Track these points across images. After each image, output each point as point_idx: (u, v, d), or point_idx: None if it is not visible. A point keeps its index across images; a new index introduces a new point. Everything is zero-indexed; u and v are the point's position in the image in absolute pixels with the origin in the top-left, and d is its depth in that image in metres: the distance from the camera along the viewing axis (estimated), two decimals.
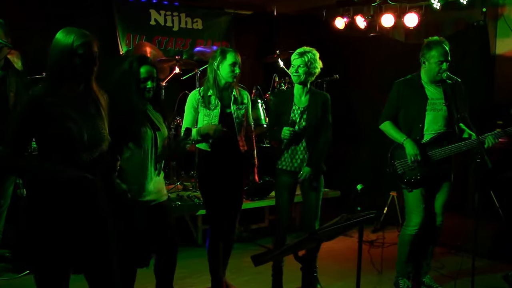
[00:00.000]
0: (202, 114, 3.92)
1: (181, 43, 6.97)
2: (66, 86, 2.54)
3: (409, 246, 4.13)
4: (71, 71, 2.51)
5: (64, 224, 2.51)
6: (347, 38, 6.96)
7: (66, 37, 2.51)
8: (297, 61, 3.95)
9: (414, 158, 3.96)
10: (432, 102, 4.01)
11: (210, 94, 3.91)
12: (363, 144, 6.70)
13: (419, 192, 4.04)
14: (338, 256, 5.15)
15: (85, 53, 2.52)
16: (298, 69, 3.95)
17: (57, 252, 2.51)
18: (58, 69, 2.52)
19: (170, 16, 6.87)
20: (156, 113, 3.41)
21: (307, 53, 3.94)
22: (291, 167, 4.04)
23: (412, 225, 4.08)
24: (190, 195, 5.59)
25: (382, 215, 6.08)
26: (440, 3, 5.73)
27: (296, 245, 2.43)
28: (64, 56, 2.49)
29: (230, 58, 3.85)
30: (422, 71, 4.07)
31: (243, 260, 4.74)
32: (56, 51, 2.52)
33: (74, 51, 2.50)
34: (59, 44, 2.52)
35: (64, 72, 2.51)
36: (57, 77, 2.53)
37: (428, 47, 3.97)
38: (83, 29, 2.61)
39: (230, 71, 3.85)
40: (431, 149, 3.99)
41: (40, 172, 2.51)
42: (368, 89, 6.54)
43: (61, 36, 2.54)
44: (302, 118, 4.00)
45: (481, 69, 5.70)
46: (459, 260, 4.37)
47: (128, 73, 3.22)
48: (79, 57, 2.50)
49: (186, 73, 6.11)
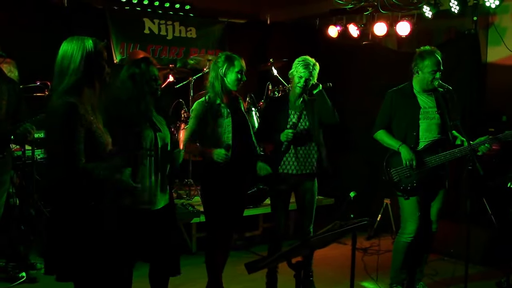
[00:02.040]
0: (212, 125, 3.83)
1: (175, 51, 6.99)
2: (85, 92, 2.60)
3: (404, 253, 4.14)
4: (89, 78, 2.57)
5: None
6: (340, 47, 7.01)
7: (80, 45, 2.56)
8: (306, 73, 3.97)
9: (409, 163, 3.98)
10: (425, 111, 4.04)
11: (218, 102, 3.85)
12: (357, 151, 6.72)
13: (415, 200, 4.06)
14: (332, 263, 5.16)
15: (102, 59, 2.60)
16: (307, 81, 3.99)
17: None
18: (77, 77, 2.55)
19: (164, 25, 6.90)
20: (159, 116, 3.40)
21: (315, 66, 4.00)
22: (302, 170, 4.06)
23: (408, 233, 4.09)
24: (184, 203, 5.59)
25: (376, 222, 6.10)
26: (431, 11, 5.79)
27: (290, 252, 2.44)
28: (83, 63, 2.55)
29: (238, 65, 3.82)
30: (414, 80, 4.10)
31: (237, 268, 4.72)
32: (71, 60, 2.55)
33: (91, 58, 2.56)
34: (73, 52, 2.55)
35: (83, 80, 2.56)
36: (77, 84, 2.56)
37: (421, 57, 4.00)
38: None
39: (236, 79, 3.83)
40: (426, 156, 4.01)
41: (106, 169, 2.61)
42: (361, 97, 6.57)
43: (73, 45, 2.57)
44: (302, 120, 4.05)
45: (472, 77, 5.74)
46: (452, 267, 4.38)
47: (140, 75, 3.20)
48: (95, 64, 2.56)
49: (180, 81, 6.13)
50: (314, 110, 4.08)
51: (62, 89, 2.55)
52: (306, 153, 4.10)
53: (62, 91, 2.54)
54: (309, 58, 4.04)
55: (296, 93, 4.07)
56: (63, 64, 2.56)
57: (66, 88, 2.55)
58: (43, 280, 4.48)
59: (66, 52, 2.56)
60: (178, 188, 6.04)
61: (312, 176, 4.18)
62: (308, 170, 4.12)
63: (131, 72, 3.19)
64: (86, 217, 2.58)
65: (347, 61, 6.93)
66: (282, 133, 3.96)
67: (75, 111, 2.50)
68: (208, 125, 3.83)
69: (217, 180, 3.86)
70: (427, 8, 5.79)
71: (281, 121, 4.05)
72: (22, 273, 4.50)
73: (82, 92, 2.58)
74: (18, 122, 4.09)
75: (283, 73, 4.27)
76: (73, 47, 2.56)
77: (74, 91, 2.55)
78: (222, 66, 3.81)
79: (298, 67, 4.00)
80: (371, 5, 6.24)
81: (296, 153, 4.07)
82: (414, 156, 3.97)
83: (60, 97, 2.53)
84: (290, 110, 4.08)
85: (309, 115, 4.08)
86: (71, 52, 2.55)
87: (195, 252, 5.37)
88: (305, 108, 4.08)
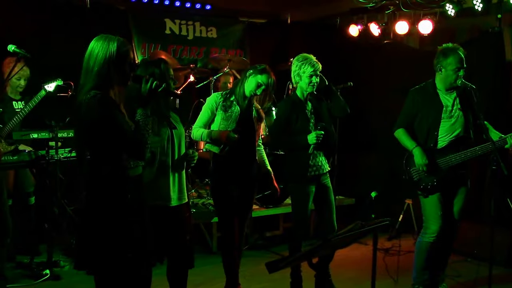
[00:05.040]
0: (220, 117, 3.94)
1: (195, 51, 7.03)
2: (114, 90, 2.66)
3: (427, 253, 4.09)
4: (110, 81, 2.61)
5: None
6: (361, 45, 6.96)
7: (105, 46, 2.60)
8: (314, 71, 3.99)
9: (421, 168, 3.97)
10: (448, 109, 4.00)
11: (232, 99, 3.96)
12: (378, 151, 6.68)
13: (436, 199, 4.01)
14: (352, 264, 5.13)
15: (124, 64, 2.65)
16: (313, 79, 4.00)
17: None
18: (100, 79, 2.59)
19: (185, 25, 6.94)
20: (173, 114, 3.49)
21: (317, 63, 4.00)
22: (321, 170, 4.08)
23: (430, 233, 4.04)
24: (204, 202, 5.62)
25: (397, 222, 6.05)
26: (454, 9, 5.71)
27: (311, 252, 2.44)
28: (106, 66, 2.59)
29: (261, 78, 3.90)
30: (437, 78, 4.06)
31: (257, 268, 4.75)
32: (95, 61, 2.59)
33: (122, 57, 2.62)
34: (98, 54, 2.59)
35: (105, 82, 2.60)
36: (101, 85, 2.60)
37: (444, 55, 3.96)
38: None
39: (253, 89, 3.91)
40: (447, 154, 3.97)
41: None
42: (382, 96, 6.53)
43: (99, 45, 2.61)
44: (313, 120, 4.08)
45: (496, 75, 5.66)
46: (475, 268, 4.33)
47: (162, 74, 3.26)
48: (116, 69, 2.61)
49: (201, 81, 6.16)
50: (324, 106, 4.13)
51: (88, 88, 2.59)
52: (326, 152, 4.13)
53: (88, 89, 2.59)
54: (308, 55, 4.06)
55: (308, 92, 4.07)
56: (88, 64, 2.61)
57: (90, 88, 2.59)
58: (66, 278, 4.55)
59: (92, 52, 2.61)
60: (199, 187, 6.07)
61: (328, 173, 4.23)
62: (328, 167, 4.19)
63: (150, 72, 3.24)
64: (122, 210, 2.65)
65: (368, 60, 6.88)
66: (310, 136, 3.95)
67: (106, 98, 2.57)
68: (216, 118, 3.96)
69: (220, 175, 3.99)
70: (450, 6, 5.72)
71: (301, 123, 4.05)
72: (46, 270, 4.58)
73: (107, 92, 2.63)
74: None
75: None
76: (98, 47, 2.60)
77: (99, 90, 2.60)
78: (250, 71, 3.95)
79: (306, 67, 3.99)
80: (392, 4, 6.19)
81: (320, 153, 4.08)
82: (426, 162, 3.94)
83: (86, 94, 2.58)
84: (306, 110, 4.09)
85: (322, 113, 4.11)
86: (96, 53, 2.59)
87: (215, 251, 5.39)
88: (318, 106, 4.11)
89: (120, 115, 2.62)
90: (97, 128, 2.57)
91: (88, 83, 2.59)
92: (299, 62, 4.03)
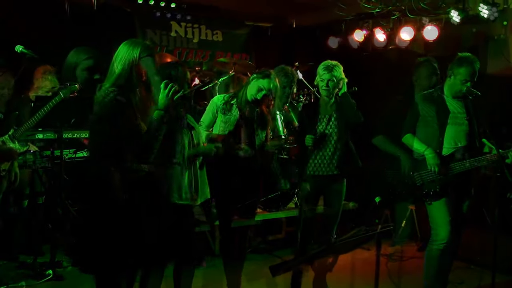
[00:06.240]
0: (219, 120, 4.00)
1: (201, 54, 7.05)
2: (136, 93, 2.73)
3: (438, 261, 4.00)
4: (140, 80, 2.70)
5: None
6: (366, 51, 6.96)
7: (133, 49, 2.71)
8: (327, 75, 4.00)
9: (433, 168, 3.94)
10: (454, 116, 4.00)
11: (233, 102, 3.99)
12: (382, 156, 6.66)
13: (443, 205, 3.97)
14: (355, 269, 5.12)
15: (139, 76, 2.74)
16: (329, 83, 4.01)
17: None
18: (130, 78, 2.69)
19: (191, 28, 6.97)
20: (189, 115, 3.57)
21: (335, 67, 4.01)
22: (328, 171, 4.11)
23: (440, 239, 3.96)
24: None
25: (401, 228, 6.03)
26: (460, 16, 5.70)
27: (314, 256, 2.44)
28: (124, 74, 2.69)
29: (262, 83, 3.91)
30: (446, 84, 4.06)
31: (259, 271, 4.74)
32: (117, 65, 2.69)
33: (131, 72, 2.72)
34: (121, 59, 2.68)
35: (135, 81, 2.70)
36: (127, 85, 2.69)
37: (459, 63, 3.94)
38: (105, 42, 2.75)
39: (254, 93, 3.93)
40: (452, 162, 3.96)
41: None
42: (387, 102, 6.52)
43: (123, 50, 2.71)
44: (331, 123, 4.10)
45: (502, 82, 5.65)
46: (478, 276, 4.31)
47: (177, 77, 3.29)
48: (132, 78, 2.72)
49: (206, 84, 6.17)
50: (342, 112, 4.11)
51: (106, 87, 2.69)
52: (331, 155, 4.10)
53: (106, 88, 2.68)
54: (330, 61, 4.08)
55: (323, 96, 4.09)
56: (113, 65, 2.72)
57: (109, 87, 2.69)
58: (69, 278, 4.56)
59: (117, 55, 2.72)
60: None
61: (339, 178, 4.18)
62: (335, 171, 4.13)
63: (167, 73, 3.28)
64: (120, 209, 2.68)
65: (373, 66, 6.88)
66: (306, 138, 3.99)
67: (118, 97, 2.63)
68: (217, 120, 4.02)
69: (222, 174, 3.95)
70: (455, 12, 5.71)
71: (309, 126, 4.08)
72: (49, 270, 4.58)
73: (125, 93, 2.70)
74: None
75: (309, 77, 4.27)
76: (123, 51, 2.70)
77: (121, 89, 2.68)
78: (254, 76, 3.97)
79: (320, 71, 4.06)
80: (398, 10, 6.20)
81: (322, 155, 4.09)
82: (439, 162, 3.92)
83: (102, 91, 2.66)
84: (320, 115, 4.10)
85: (338, 118, 4.09)
86: (120, 56, 2.70)
87: (218, 254, 5.38)
88: (336, 111, 4.10)
89: (131, 116, 2.65)
90: (99, 123, 2.64)
91: (108, 82, 2.70)
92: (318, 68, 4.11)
